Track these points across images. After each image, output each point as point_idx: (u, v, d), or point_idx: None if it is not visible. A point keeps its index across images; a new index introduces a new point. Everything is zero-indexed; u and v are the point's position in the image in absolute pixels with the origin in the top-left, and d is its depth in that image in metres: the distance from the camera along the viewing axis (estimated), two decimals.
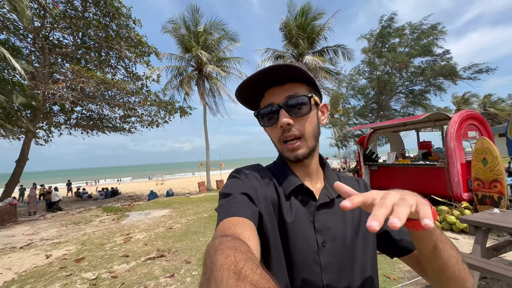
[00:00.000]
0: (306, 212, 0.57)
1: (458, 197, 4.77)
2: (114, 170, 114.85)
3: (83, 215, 9.09)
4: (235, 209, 0.48)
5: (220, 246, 0.33)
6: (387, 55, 16.71)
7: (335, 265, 0.54)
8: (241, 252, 0.32)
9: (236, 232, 0.41)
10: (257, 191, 0.55)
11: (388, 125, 6.49)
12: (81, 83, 11.76)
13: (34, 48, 14.56)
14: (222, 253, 0.31)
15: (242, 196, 0.52)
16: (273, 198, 0.57)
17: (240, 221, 0.45)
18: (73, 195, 18.49)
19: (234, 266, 0.28)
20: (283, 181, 0.60)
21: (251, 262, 0.29)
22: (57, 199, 12.42)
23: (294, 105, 0.56)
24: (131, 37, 14.54)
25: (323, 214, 0.57)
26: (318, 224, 0.56)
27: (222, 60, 14.42)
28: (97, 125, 16.81)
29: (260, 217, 0.52)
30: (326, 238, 0.55)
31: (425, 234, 0.45)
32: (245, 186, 0.55)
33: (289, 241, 0.54)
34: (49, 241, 5.73)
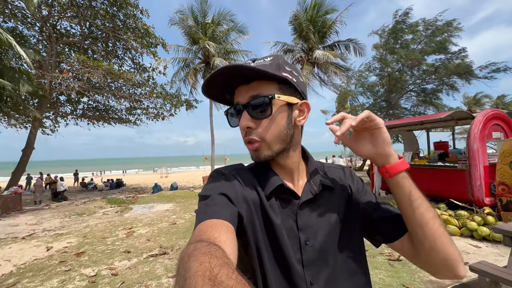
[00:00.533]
0: (289, 211, 0.56)
1: (479, 202, 4.47)
2: (119, 161, 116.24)
3: (87, 206, 9.04)
4: (213, 211, 0.47)
5: (195, 252, 0.32)
6: (399, 51, 16.17)
7: (318, 262, 0.54)
8: (216, 257, 0.31)
9: (212, 236, 0.40)
10: (236, 191, 0.54)
11: (405, 124, 6.16)
12: (87, 73, 11.62)
13: (42, 37, 14.48)
14: (196, 259, 0.30)
15: (220, 197, 0.51)
16: (254, 198, 0.56)
17: (217, 224, 0.44)
18: (79, 185, 18.62)
19: (209, 272, 0.27)
20: (264, 181, 0.58)
21: (227, 267, 0.29)
22: (62, 189, 12.44)
23: (256, 106, 0.54)
24: (138, 27, 14.33)
25: (306, 212, 0.57)
26: (301, 222, 0.55)
27: (230, 53, 14.11)
28: (103, 116, 16.77)
29: (240, 218, 0.51)
30: (309, 236, 0.55)
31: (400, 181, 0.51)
32: (224, 187, 0.54)
33: (272, 241, 0.53)
34: (51, 232, 5.64)
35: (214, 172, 0.61)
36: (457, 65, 15.51)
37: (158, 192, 12.11)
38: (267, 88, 0.55)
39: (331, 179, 0.62)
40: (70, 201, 11.44)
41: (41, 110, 13.45)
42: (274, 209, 0.55)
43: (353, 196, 0.62)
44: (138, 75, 14.37)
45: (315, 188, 0.59)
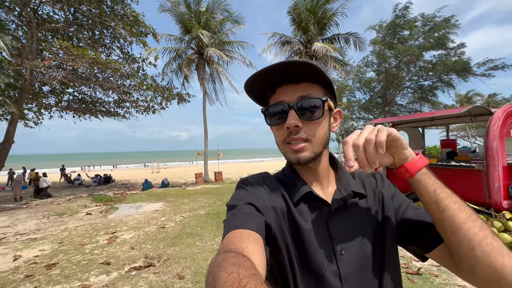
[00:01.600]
0: (320, 218, 0.54)
1: (497, 205, 4.12)
2: (110, 156, 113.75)
3: (70, 205, 8.40)
4: (240, 221, 0.47)
5: (223, 263, 0.32)
6: (398, 47, 15.85)
7: (356, 275, 0.50)
8: (244, 268, 0.31)
9: (240, 246, 0.40)
10: (264, 200, 0.54)
11: (413, 119, 5.77)
12: (71, 61, 10.79)
13: (21, 22, 13.44)
14: (225, 269, 0.31)
15: (248, 207, 0.51)
16: (281, 206, 0.55)
17: (245, 234, 0.43)
18: (65, 181, 17.75)
19: (238, 283, 0.28)
20: (292, 189, 0.57)
21: (255, 279, 0.29)
22: (45, 185, 11.70)
23: (306, 107, 0.53)
24: (127, 14, 13.49)
25: (338, 220, 0.54)
26: (333, 231, 0.53)
27: (224, 44, 13.44)
28: (89, 109, 15.89)
29: (268, 227, 0.50)
30: (343, 246, 0.52)
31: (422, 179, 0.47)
32: (251, 196, 0.54)
33: (304, 251, 0.51)
34: (24, 236, 5.04)
35: (241, 182, 0.60)
36: (455, 61, 15.32)
37: (148, 190, 11.51)
38: (315, 91, 0.54)
39: (362, 186, 0.60)
40: (53, 198, 10.74)
41: (20, 102, 12.52)
42: (303, 217, 0.53)
43: (386, 203, 0.59)
44: (127, 66, 13.55)
45: (346, 195, 0.56)
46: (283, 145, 0.56)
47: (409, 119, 5.88)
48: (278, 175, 0.63)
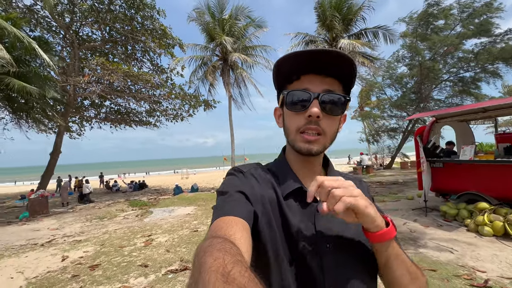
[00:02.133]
0: (307, 213, 0.55)
1: None
2: (143, 163, 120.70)
3: (110, 209, 8.91)
4: (230, 208, 0.48)
5: (209, 248, 0.33)
6: (433, 37, 14.64)
7: (338, 267, 0.52)
8: (230, 254, 0.32)
9: (228, 233, 0.41)
10: (254, 190, 0.54)
11: (460, 112, 5.16)
12: (108, 76, 11.65)
13: (65, 43, 14.89)
14: (211, 255, 0.31)
15: (238, 194, 0.52)
16: (271, 198, 0.55)
17: (233, 221, 0.44)
18: (104, 187, 19.06)
19: (222, 269, 0.28)
20: (282, 182, 0.58)
21: (240, 265, 0.30)
22: (88, 191, 12.60)
23: (330, 101, 0.53)
24: (155, 28, 14.28)
25: (324, 216, 0.54)
26: (319, 226, 0.54)
27: (248, 49, 13.57)
28: (124, 119, 16.98)
29: (256, 217, 0.51)
30: (328, 240, 0.53)
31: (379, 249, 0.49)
32: (242, 185, 0.54)
33: (289, 242, 0.52)
34: (71, 238, 5.39)
35: (232, 170, 0.61)
36: (501, 49, 13.70)
37: (179, 194, 11.85)
38: (339, 88, 0.55)
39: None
40: (95, 203, 11.52)
41: (66, 116, 13.78)
42: (292, 211, 0.55)
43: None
44: (156, 77, 14.28)
45: None
46: (295, 133, 0.55)
47: (455, 112, 5.28)
48: (270, 166, 0.64)
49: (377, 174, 14.49)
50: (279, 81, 0.59)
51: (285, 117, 0.58)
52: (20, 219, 7.98)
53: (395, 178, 12.13)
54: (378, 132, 22.00)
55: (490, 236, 3.92)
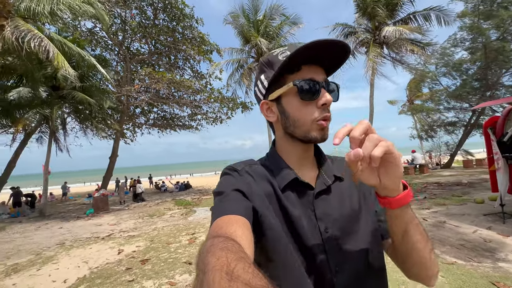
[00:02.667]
0: (305, 201, 0.57)
1: None
2: (187, 165, 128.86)
3: (158, 208, 9.61)
4: (228, 207, 0.48)
5: (212, 248, 0.33)
6: (501, 13, 12.45)
7: (339, 249, 0.54)
8: (232, 252, 0.32)
9: (228, 231, 0.41)
10: (251, 186, 0.56)
11: None
12: (154, 84, 12.67)
13: (119, 58, 16.74)
14: (213, 254, 0.32)
15: (235, 193, 0.52)
16: (269, 192, 0.57)
17: (232, 219, 0.45)
18: (154, 188, 20.76)
19: (226, 267, 0.28)
20: (277, 174, 0.59)
21: (243, 262, 0.30)
22: (140, 191, 13.80)
23: (331, 89, 0.57)
24: (194, 36, 15.10)
25: (322, 201, 0.57)
26: (318, 211, 0.56)
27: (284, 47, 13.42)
28: (169, 124, 18.29)
29: (255, 212, 0.52)
30: (328, 224, 0.55)
31: (399, 214, 0.48)
32: (237, 182, 0.55)
33: (292, 232, 0.54)
34: (126, 233, 5.91)
35: (226, 169, 0.61)
36: None
37: None
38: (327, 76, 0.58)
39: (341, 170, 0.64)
40: (146, 201, 12.59)
41: (121, 123, 15.41)
42: (290, 201, 0.56)
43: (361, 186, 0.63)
44: (196, 82, 15.05)
45: (328, 179, 0.60)
46: (311, 123, 0.55)
47: None
48: (263, 161, 0.64)
49: (434, 174, 12.84)
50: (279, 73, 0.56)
51: (289, 108, 0.56)
52: (87, 215, 9.13)
53: (457, 178, 10.57)
54: (433, 127, 19.58)
55: None
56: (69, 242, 5.44)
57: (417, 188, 8.79)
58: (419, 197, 7.22)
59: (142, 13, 15.00)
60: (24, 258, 4.52)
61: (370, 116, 13.04)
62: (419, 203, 6.50)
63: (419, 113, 23.87)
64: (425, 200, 6.80)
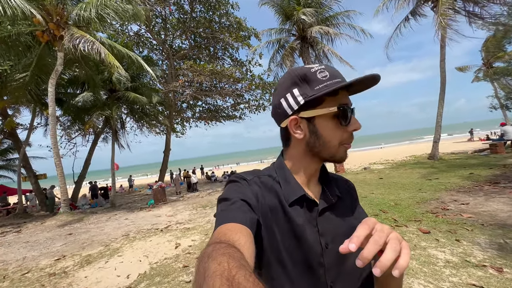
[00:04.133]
0: (309, 217, 0.57)
1: None
2: (233, 155, 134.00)
3: (210, 198, 9.77)
4: (233, 215, 0.48)
5: (213, 253, 0.33)
6: None
7: (337, 266, 0.56)
8: (234, 259, 0.32)
9: (232, 238, 0.41)
10: (258, 198, 0.56)
11: None
12: (196, 77, 12.79)
13: (163, 57, 17.49)
14: (215, 259, 0.31)
15: (241, 202, 0.52)
16: (274, 205, 0.57)
17: (237, 228, 0.45)
18: (205, 178, 21.77)
19: (227, 273, 0.28)
20: (286, 189, 0.59)
21: (244, 270, 0.30)
22: (194, 181, 14.44)
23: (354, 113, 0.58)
24: (231, 23, 14.69)
25: (325, 218, 0.59)
26: (321, 227, 0.57)
27: (328, 19, 11.95)
28: (214, 116, 18.63)
29: (259, 225, 0.52)
30: (328, 241, 0.56)
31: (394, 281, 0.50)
32: (245, 193, 0.55)
33: (295, 246, 0.54)
34: (182, 225, 5.98)
35: (235, 177, 0.61)
36: None
37: None
38: None
39: (341, 190, 0.65)
40: (199, 191, 13.10)
41: (170, 118, 16.22)
42: (296, 215, 0.56)
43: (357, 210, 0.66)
44: (237, 71, 14.76)
45: (331, 197, 0.61)
46: (339, 145, 0.56)
47: None
48: (270, 173, 0.63)
49: None
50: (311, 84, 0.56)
51: (323, 130, 0.56)
52: (149, 206, 9.83)
53: None
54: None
55: None
56: (133, 234, 5.72)
57: None
58: None
59: (179, 8, 15.18)
60: (96, 249, 4.85)
61: (442, 86, 10.86)
62: None
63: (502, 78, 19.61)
64: None
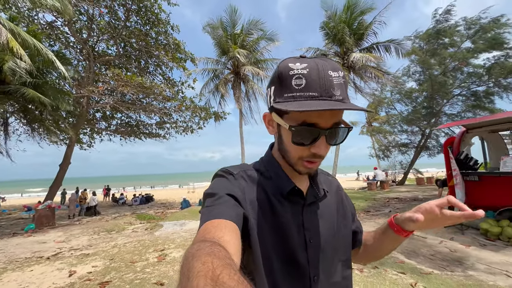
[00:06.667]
0: (296, 211, 0.58)
1: None
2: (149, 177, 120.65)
3: (117, 222, 8.59)
4: (219, 211, 0.47)
5: (197, 253, 0.33)
6: (443, 52, 14.64)
7: (319, 259, 0.57)
8: (219, 258, 0.31)
9: (217, 236, 0.40)
10: (244, 193, 0.55)
11: (494, 121, 4.84)
12: (121, 87, 11.78)
13: (81, 57, 15.35)
14: (199, 259, 0.31)
15: (227, 197, 0.51)
16: (261, 198, 0.56)
17: (222, 224, 0.44)
18: (111, 200, 18.78)
19: (212, 273, 0.28)
20: (275, 182, 0.59)
21: (229, 268, 0.29)
22: (94, 204, 12.36)
23: (336, 134, 0.53)
24: (169, 43, 14.65)
25: (310, 213, 0.60)
26: (306, 222, 0.58)
27: (259, 62, 13.69)
28: (134, 131, 17.02)
29: (245, 219, 0.51)
30: (312, 235, 0.58)
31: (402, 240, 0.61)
32: (231, 187, 0.54)
33: (280, 240, 0.55)
34: (78, 251, 5.07)
35: (221, 171, 0.60)
36: None
37: (187, 208, 11.48)
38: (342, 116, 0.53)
39: (328, 186, 0.68)
40: (101, 216, 11.23)
41: (77, 128, 13.87)
42: (283, 209, 0.57)
43: (343, 203, 0.70)
44: (168, 89, 14.43)
45: (317, 192, 0.62)
46: (297, 159, 0.54)
47: (488, 121, 4.96)
48: (259, 167, 0.63)
49: (393, 190, 13.90)
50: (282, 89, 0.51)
51: (284, 137, 0.55)
52: (26, 231, 7.71)
53: (413, 194, 11.57)
54: (389, 147, 21.55)
55: None
56: (2, 264, 4.45)
57: (381, 203, 9.34)
58: (385, 211, 7.64)
59: (112, 13, 14.16)
60: None
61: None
62: (386, 216, 6.85)
63: (377, 135, 26.17)
64: (391, 214, 7.21)
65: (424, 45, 15.28)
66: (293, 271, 0.54)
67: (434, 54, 15.12)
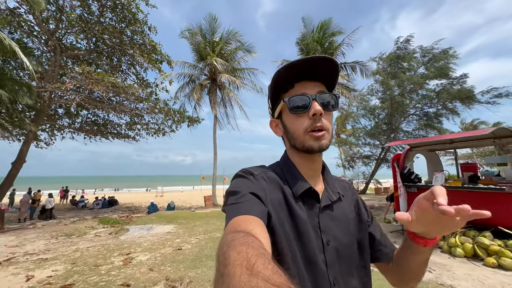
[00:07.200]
0: (312, 213, 0.59)
1: None
2: (114, 179, 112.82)
3: (77, 226, 8.16)
4: (246, 207, 0.49)
5: (233, 242, 0.34)
6: (401, 76, 16.47)
7: (338, 262, 0.57)
8: (253, 248, 0.32)
9: (248, 228, 0.41)
10: (266, 192, 0.56)
11: (431, 142, 5.76)
12: (90, 85, 11.27)
13: (46, 49, 14.34)
14: (234, 248, 0.32)
15: (251, 196, 0.53)
16: (280, 199, 0.58)
17: (250, 219, 0.45)
18: (69, 203, 17.45)
19: (247, 262, 0.29)
20: (292, 184, 0.61)
21: (263, 258, 0.30)
22: (50, 206, 11.50)
23: (325, 99, 0.59)
24: (145, 43, 14.36)
25: (326, 215, 0.60)
26: (322, 224, 0.58)
27: (236, 71, 14.06)
28: (101, 131, 16.18)
29: (269, 217, 0.53)
30: (329, 238, 0.58)
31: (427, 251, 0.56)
32: (254, 186, 0.56)
33: (301, 241, 0.55)
34: (34, 256, 4.83)
35: (242, 172, 0.62)
36: (458, 90, 15.73)
37: (155, 212, 11.22)
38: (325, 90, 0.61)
39: (343, 190, 0.69)
40: (58, 219, 10.49)
41: (37, 123, 12.87)
42: (300, 211, 0.58)
43: (360, 208, 0.69)
44: (140, 90, 14.08)
45: (332, 195, 0.63)
46: (304, 134, 0.58)
47: (426, 142, 5.87)
48: (275, 169, 0.65)
49: None
50: (274, 93, 0.63)
51: (287, 123, 0.62)
52: None
53: (371, 203, 12.67)
54: (353, 158, 23.20)
55: (462, 257, 4.25)
56: None
57: None
58: None
59: (85, 7, 13.54)
60: None
61: None
62: None
63: (344, 146, 27.80)
64: None
65: (387, 67, 17.06)
66: (314, 274, 0.54)
67: (394, 77, 16.90)
